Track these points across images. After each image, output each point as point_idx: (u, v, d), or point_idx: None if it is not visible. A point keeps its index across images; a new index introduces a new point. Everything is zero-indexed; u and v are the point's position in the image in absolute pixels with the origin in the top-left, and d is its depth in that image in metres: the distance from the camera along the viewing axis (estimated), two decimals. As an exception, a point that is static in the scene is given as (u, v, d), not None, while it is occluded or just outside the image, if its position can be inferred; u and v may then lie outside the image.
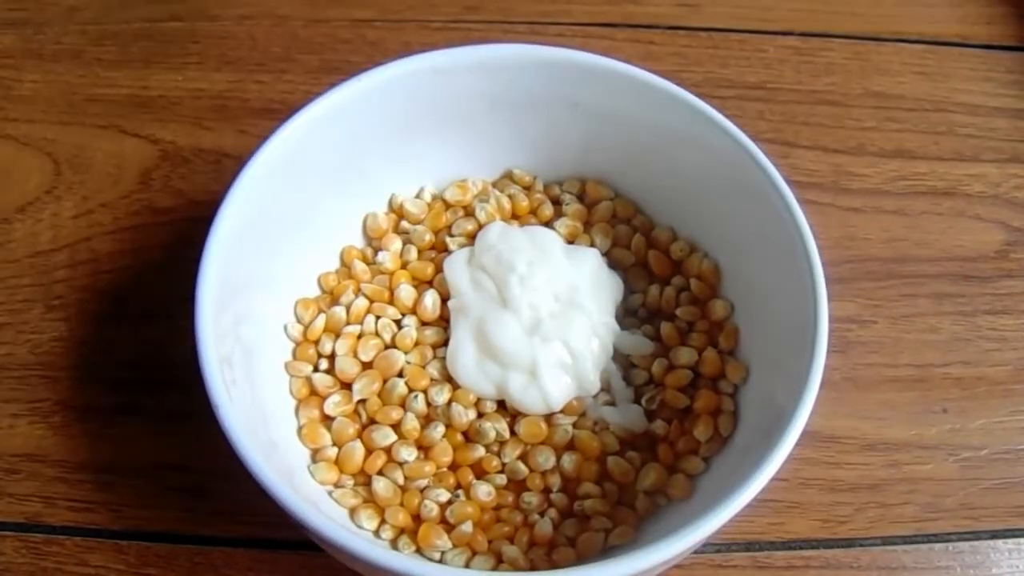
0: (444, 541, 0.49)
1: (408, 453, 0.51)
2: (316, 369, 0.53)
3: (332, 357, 0.53)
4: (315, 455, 0.51)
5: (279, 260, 0.52)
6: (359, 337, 0.54)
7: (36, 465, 0.55)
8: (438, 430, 0.51)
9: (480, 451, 0.51)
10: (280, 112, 0.50)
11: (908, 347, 0.61)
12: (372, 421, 0.52)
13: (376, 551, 0.41)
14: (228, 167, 0.48)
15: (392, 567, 0.40)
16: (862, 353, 0.61)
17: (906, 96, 0.71)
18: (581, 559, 0.49)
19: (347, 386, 0.53)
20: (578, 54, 0.54)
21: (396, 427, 0.52)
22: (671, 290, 0.56)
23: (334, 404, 0.52)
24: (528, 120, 0.57)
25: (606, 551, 0.49)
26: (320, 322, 0.54)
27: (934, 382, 0.60)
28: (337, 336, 0.54)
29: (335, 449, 0.51)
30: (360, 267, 0.56)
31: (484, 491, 0.50)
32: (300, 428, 0.51)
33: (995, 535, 0.56)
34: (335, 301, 0.55)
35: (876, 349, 0.61)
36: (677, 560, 0.46)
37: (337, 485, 0.50)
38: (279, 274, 0.53)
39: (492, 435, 0.51)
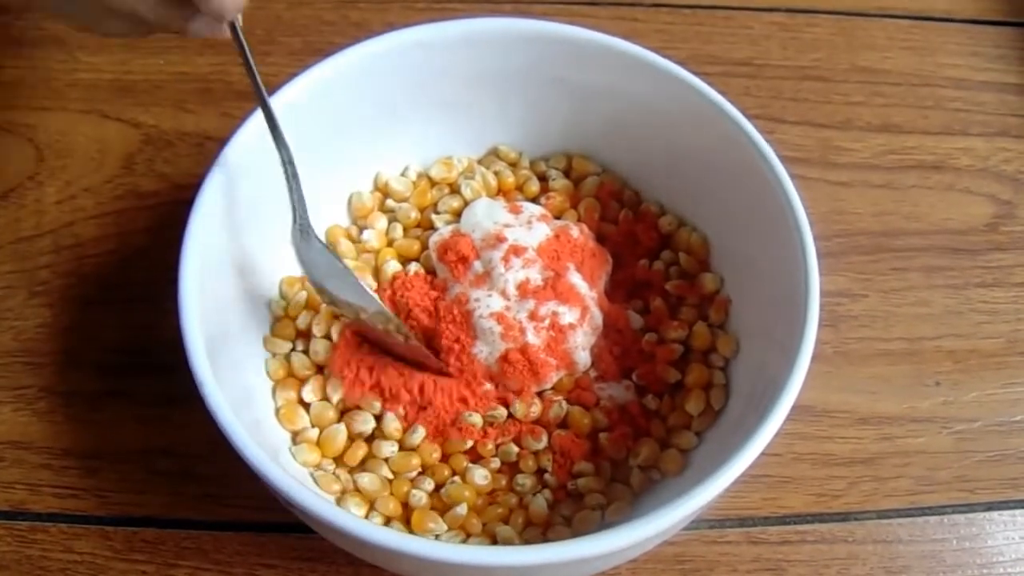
0: (439, 524, 0.48)
1: (390, 448, 0.50)
2: (294, 348, 0.53)
3: (308, 334, 0.53)
4: (295, 437, 0.50)
5: (264, 240, 0.52)
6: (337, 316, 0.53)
7: (21, 452, 0.54)
8: (418, 433, 0.50)
9: (469, 443, 0.51)
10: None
11: (899, 321, 0.61)
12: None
13: (368, 528, 0.40)
14: (211, 150, 0.47)
15: (385, 545, 0.40)
16: (853, 327, 0.60)
17: (893, 71, 0.71)
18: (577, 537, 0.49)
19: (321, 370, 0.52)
20: (564, 27, 0.53)
21: (378, 417, 0.51)
22: (660, 264, 0.56)
23: (311, 391, 0.51)
24: (513, 96, 0.56)
25: (603, 528, 0.49)
26: (301, 298, 0.53)
27: (926, 355, 0.60)
28: (316, 312, 0.53)
29: (315, 430, 0.50)
30: (346, 245, 0.55)
31: (480, 475, 0.50)
32: (278, 410, 0.51)
33: (990, 507, 0.56)
34: None
35: (867, 323, 0.61)
36: (670, 534, 0.46)
37: (319, 468, 0.50)
38: (264, 254, 0.52)
39: (479, 422, 0.51)
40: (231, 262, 0.49)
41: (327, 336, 0.52)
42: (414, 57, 0.53)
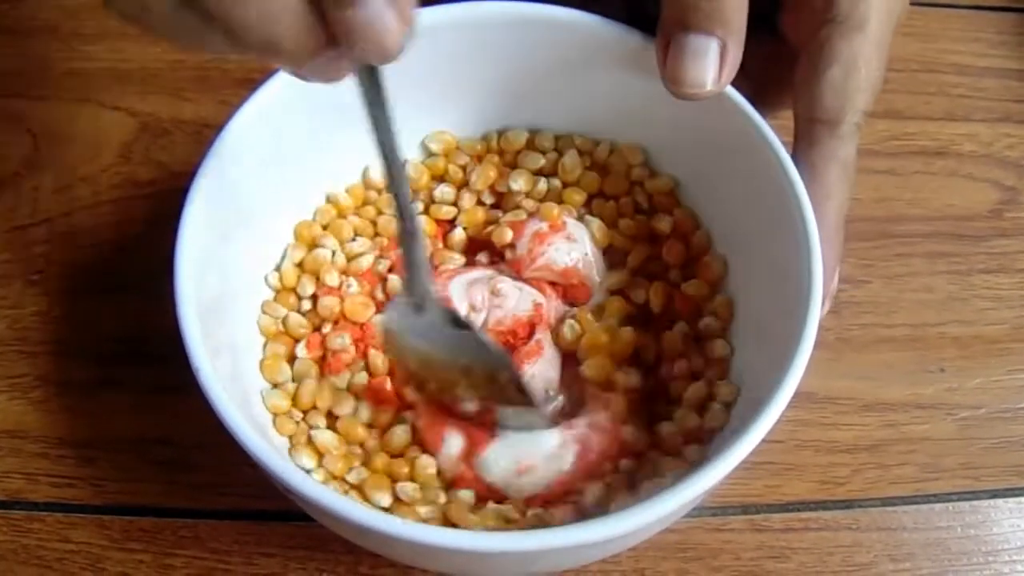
0: (384, 497, 0.48)
1: (348, 406, 0.50)
2: (298, 311, 0.53)
3: (314, 298, 0.53)
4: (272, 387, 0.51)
5: (260, 224, 0.51)
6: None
7: (17, 441, 0.54)
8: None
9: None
10: (260, 81, 0.49)
11: (903, 307, 0.60)
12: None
13: (375, 517, 0.39)
14: (209, 137, 0.46)
15: (391, 533, 0.39)
16: (856, 313, 0.60)
17: (895, 57, 0.69)
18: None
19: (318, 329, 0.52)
20: (569, 12, 0.52)
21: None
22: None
23: (304, 347, 0.51)
24: (515, 82, 0.55)
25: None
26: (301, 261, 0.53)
27: (930, 342, 0.59)
28: (318, 278, 0.53)
29: (293, 385, 0.50)
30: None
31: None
32: (262, 361, 0.50)
33: (995, 494, 0.55)
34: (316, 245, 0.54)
35: (870, 309, 0.60)
36: (670, 522, 0.45)
37: (287, 415, 0.50)
38: (261, 239, 0.52)
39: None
40: (227, 249, 0.48)
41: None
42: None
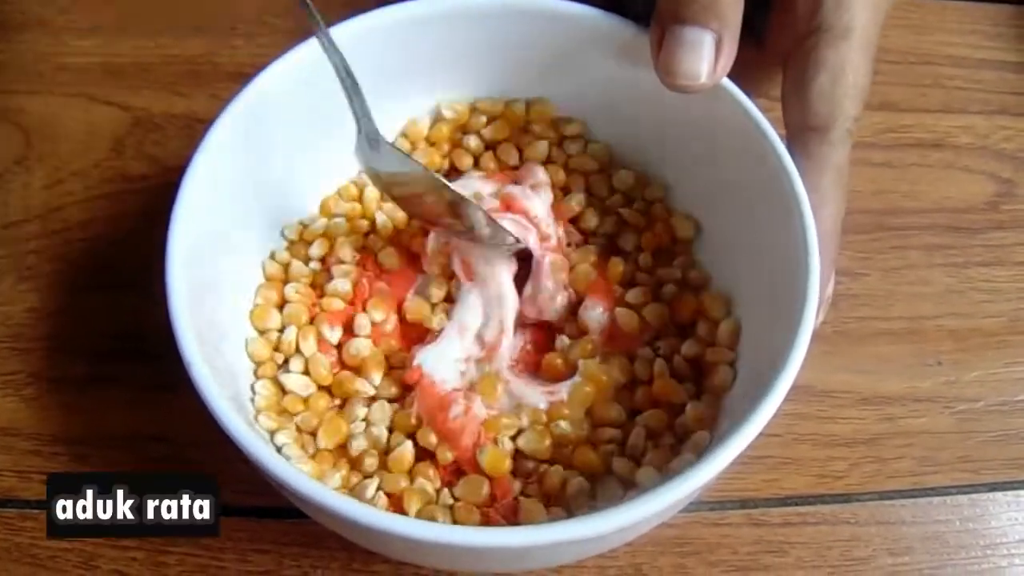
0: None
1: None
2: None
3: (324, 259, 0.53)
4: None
5: (252, 218, 0.51)
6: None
7: (9, 439, 0.53)
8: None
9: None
10: (252, 76, 0.48)
11: (900, 299, 0.60)
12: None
13: (368, 513, 0.38)
14: (201, 132, 0.46)
15: (384, 529, 0.38)
16: (853, 306, 0.60)
17: (891, 49, 0.70)
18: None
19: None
20: (564, 3, 0.52)
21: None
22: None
23: (295, 289, 0.52)
24: (506, 73, 0.55)
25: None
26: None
27: (927, 334, 0.59)
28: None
29: (277, 335, 0.51)
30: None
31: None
32: (252, 310, 0.51)
33: (993, 488, 0.55)
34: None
35: (867, 302, 0.60)
36: (666, 516, 0.44)
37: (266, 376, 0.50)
38: (253, 232, 0.52)
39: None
40: (219, 243, 0.48)
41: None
42: (406, 33, 0.52)
